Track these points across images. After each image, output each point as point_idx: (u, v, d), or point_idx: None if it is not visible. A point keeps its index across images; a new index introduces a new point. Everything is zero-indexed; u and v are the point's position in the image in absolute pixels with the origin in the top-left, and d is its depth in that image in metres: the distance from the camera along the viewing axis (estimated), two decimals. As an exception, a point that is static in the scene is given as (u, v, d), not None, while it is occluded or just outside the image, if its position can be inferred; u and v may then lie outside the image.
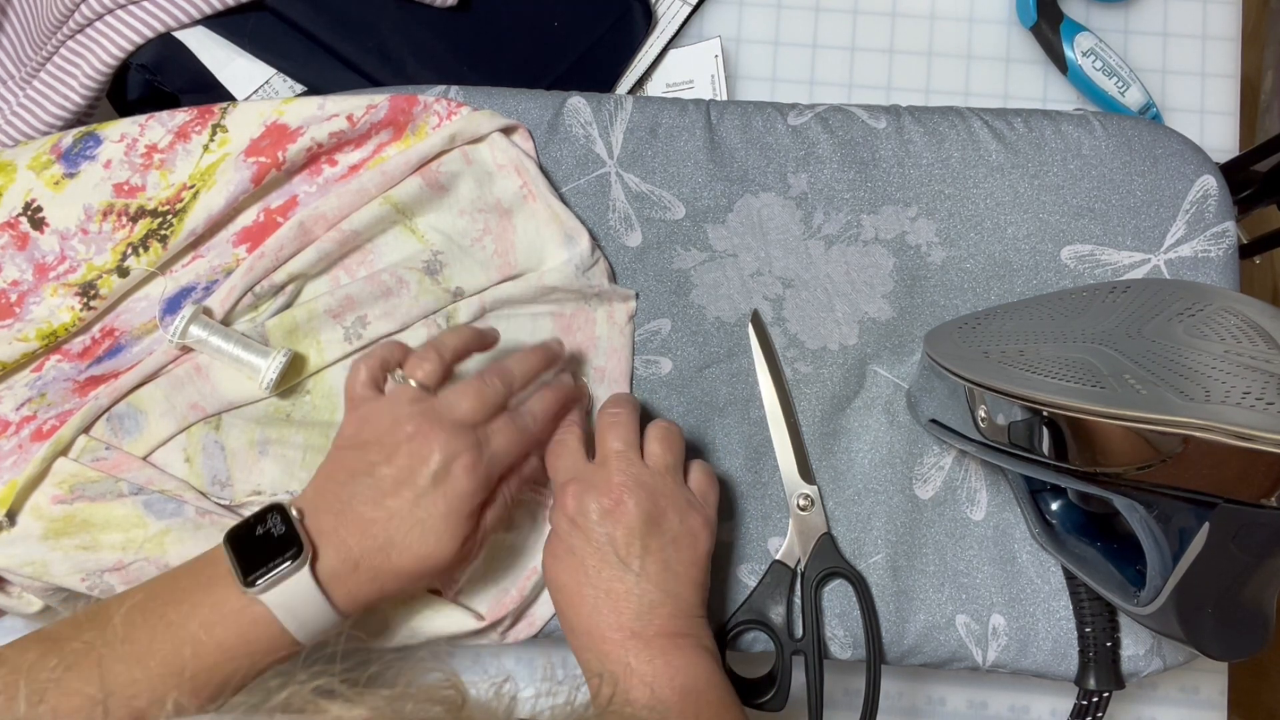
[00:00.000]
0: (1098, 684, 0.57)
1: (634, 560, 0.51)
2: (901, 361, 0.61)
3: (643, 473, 0.53)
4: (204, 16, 0.65)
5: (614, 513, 0.51)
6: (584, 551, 0.51)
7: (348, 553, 0.49)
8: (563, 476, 0.54)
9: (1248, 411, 0.39)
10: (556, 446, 0.55)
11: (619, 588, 0.51)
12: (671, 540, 0.52)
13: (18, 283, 0.58)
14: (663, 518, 0.52)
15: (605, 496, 0.52)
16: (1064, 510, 0.57)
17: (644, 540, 0.51)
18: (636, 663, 0.49)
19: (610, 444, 0.53)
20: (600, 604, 0.51)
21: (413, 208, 0.60)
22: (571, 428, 0.56)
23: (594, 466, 0.54)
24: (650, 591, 0.51)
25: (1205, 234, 0.61)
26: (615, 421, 0.54)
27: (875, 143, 0.62)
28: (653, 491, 0.52)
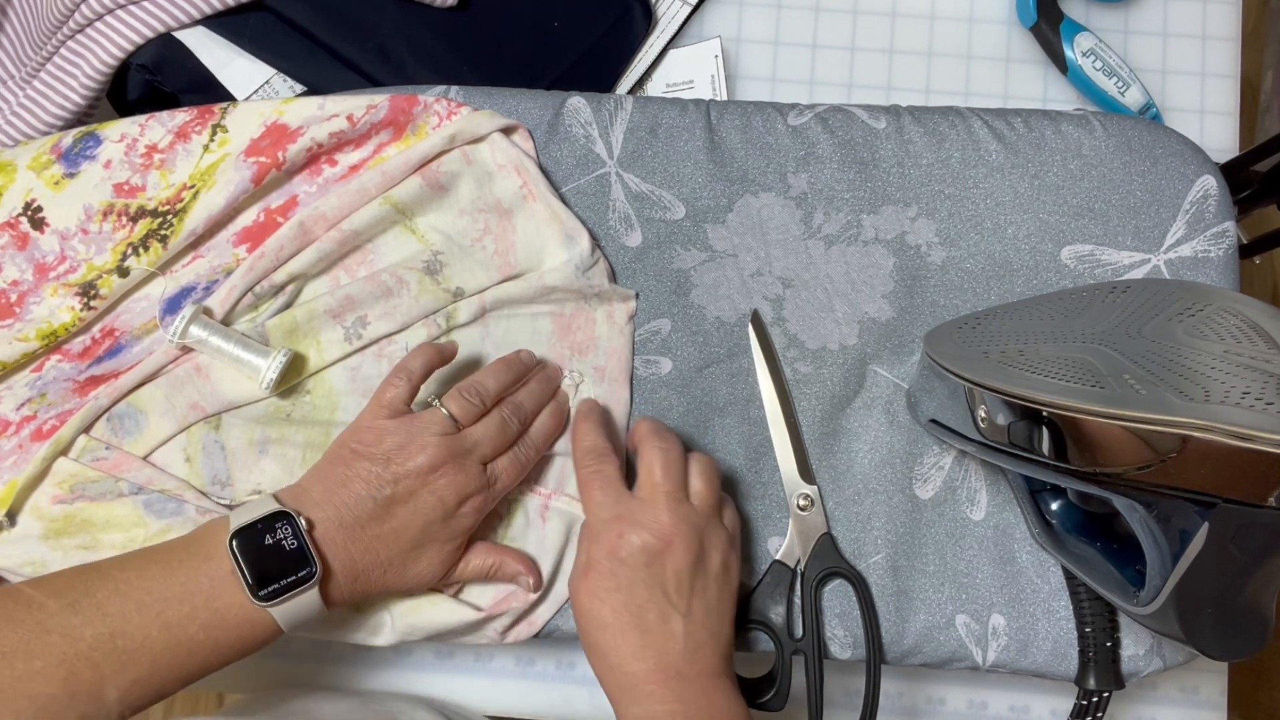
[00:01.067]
0: (1098, 684, 0.57)
1: (681, 602, 0.51)
2: (901, 361, 0.61)
3: (691, 513, 0.53)
4: (204, 16, 0.65)
5: (665, 554, 0.51)
6: (631, 591, 0.51)
7: (352, 567, 0.50)
8: (606, 511, 0.53)
9: (1247, 411, 0.39)
10: (594, 477, 0.54)
11: (665, 628, 0.51)
12: (714, 579, 0.53)
13: (18, 283, 0.58)
14: (707, 558, 0.52)
15: (656, 537, 0.51)
16: (1064, 510, 0.57)
17: (691, 582, 0.51)
18: (679, 704, 0.49)
19: (659, 481, 0.53)
20: (647, 644, 0.50)
21: (413, 208, 0.60)
22: (608, 456, 0.55)
23: (640, 503, 0.53)
24: (696, 632, 0.51)
25: (1205, 234, 0.61)
26: (665, 459, 0.53)
27: (875, 143, 0.62)
28: (701, 533, 0.52)
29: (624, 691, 0.51)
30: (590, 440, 0.56)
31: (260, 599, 0.47)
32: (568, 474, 0.59)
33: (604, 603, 0.51)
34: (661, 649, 0.50)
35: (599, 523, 0.53)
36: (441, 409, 0.53)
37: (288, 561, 0.48)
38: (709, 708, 0.50)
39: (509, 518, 0.59)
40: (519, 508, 0.59)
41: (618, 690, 0.51)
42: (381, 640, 0.57)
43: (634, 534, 0.51)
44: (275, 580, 0.47)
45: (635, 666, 0.50)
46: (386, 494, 0.51)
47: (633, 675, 0.50)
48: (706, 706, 0.50)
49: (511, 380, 0.56)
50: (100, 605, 0.45)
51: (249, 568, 0.47)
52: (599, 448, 0.55)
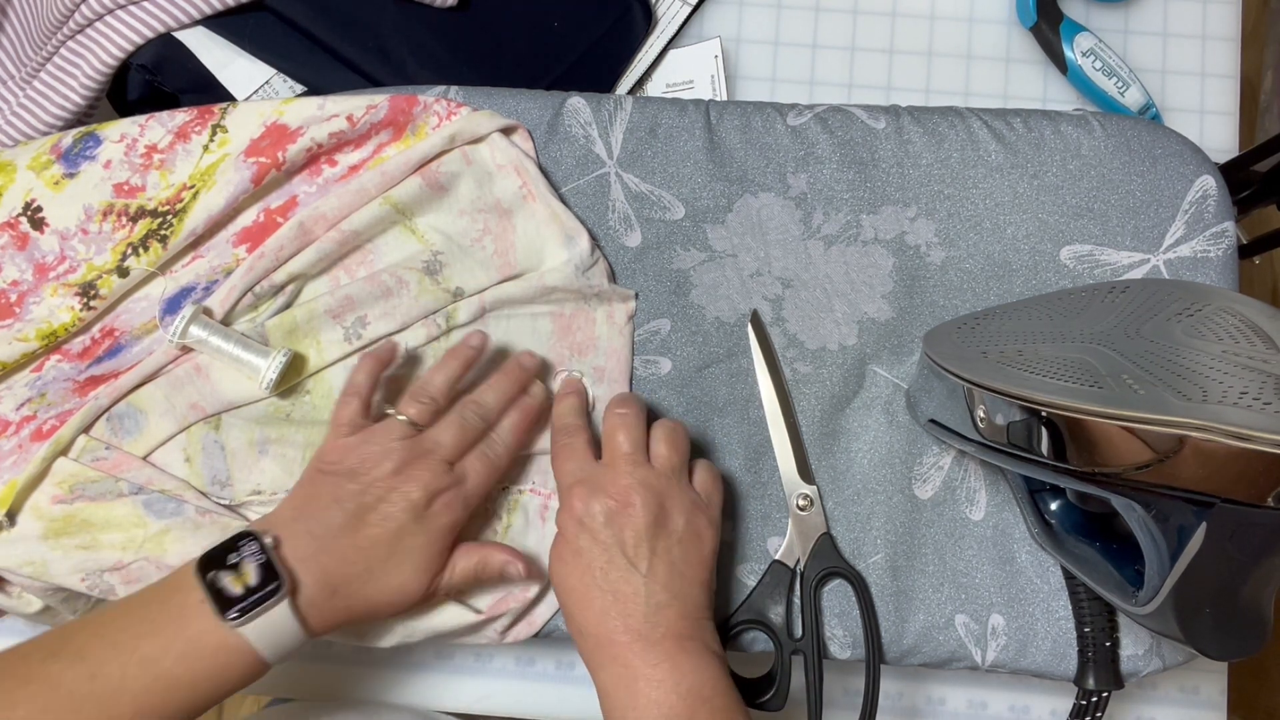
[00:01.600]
0: (1097, 684, 0.57)
1: (641, 562, 0.51)
2: (901, 361, 0.61)
3: (649, 474, 0.53)
4: (204, 16, 0.65)
5: (621, 514, 0.52)
6: (591, 553, 0.52)
7: (327, 579, 0.50)
8: (569, 479, 0.54)
9: (1245, 411, 0.39)
10: (563, 449, 0.56)
11: (626, 589, 0.51)
12: (678, 541, 0.52)
13: (18, 283, 0.58)
14: (669, 519, 0.52)
15: (612, 498, 0.52)
16: (1063, 510, 0.57)
17: (651, 542, 0.52)
18: (644, 666, 0.50)
19: (617, 445, 0.54)
20: (609, 606, 0.51)
21: (413, 208, 0.60)
22: (578, 431, 0.56)
23: (600, 468, 0.54)
24: (658, 593, 0.51)
25: (1204, 234, 0.61)
26: (623, 423, 0.54)
27: (875, 143, 0.62)
28: (659, 493, 0.52)
29: (589, 655, 0.52)
30: (565, 419, 0.57)
31: (230, 619, 0.46)
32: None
33: (570, 567, 0.52)
34: (624, 611, 0.51)
35: (564, 490, 0.54)
36: (398, 416, 0.54)
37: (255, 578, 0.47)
38: (672, 671, 0.49)
39: (509, 518, 0.59)
40: (519, 508, 0.59)
41: (586, 654, 0.52)
42: (381, 641, 0.57)
43: (593, 497, 0.52)
44: (242, 598, 0.47)
45: (600, 629, 0.51)
46: (355, 504, 0.51)
47: (598, 638, 0.51)
48: (670, 670, 0.49)
49: (461, 372, 0.56)
50: (79, 649, 0.46)
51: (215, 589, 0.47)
52: (571, 425, 0.57)
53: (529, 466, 0.60)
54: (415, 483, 0.52)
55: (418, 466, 0.52)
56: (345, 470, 0.52)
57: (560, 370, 0.60)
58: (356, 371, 0.55)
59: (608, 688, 0.51)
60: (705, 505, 0.54)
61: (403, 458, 0.52)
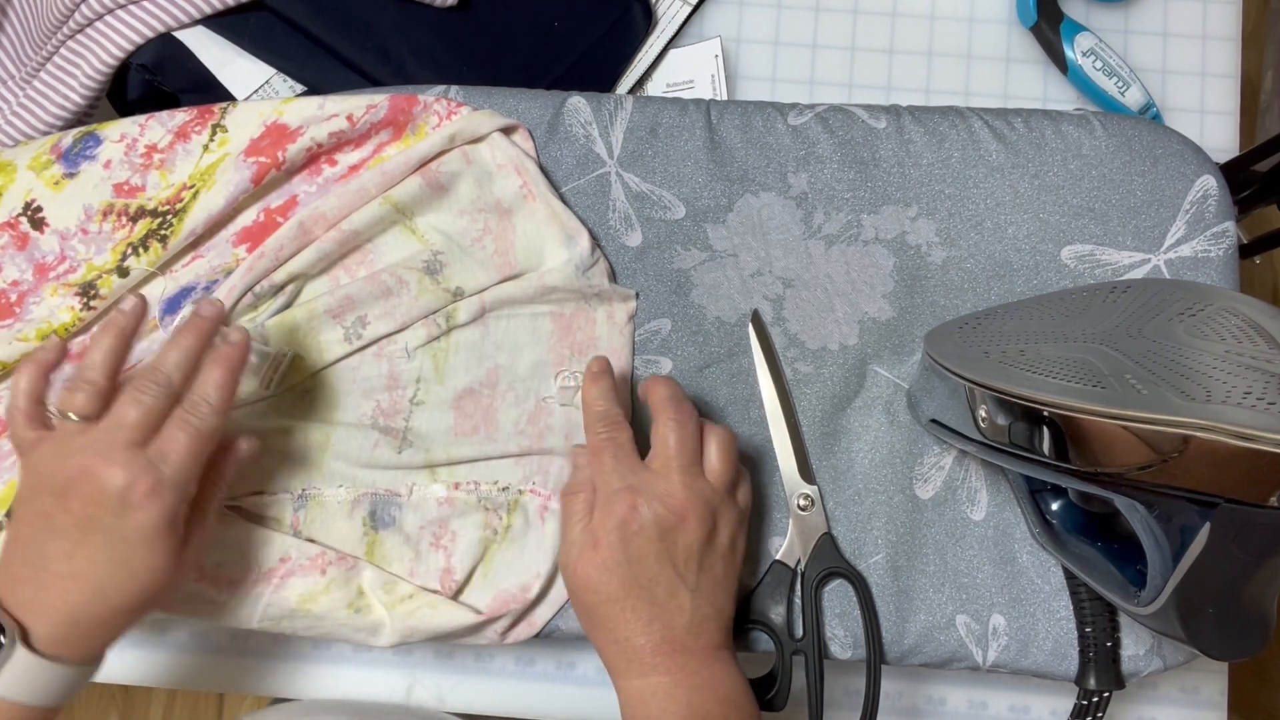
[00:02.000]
0: (1098, 684, 0.57)
1: (690, 576, 0.51)
2: (902, 361, 0.61)
3: (706, 488, 0.52)
4: (204, 16, 0.65)
5: (677, 529, 0.51)
6: (641, 564, 0.50)
7: (61, 615, 0.46)
8: (618, 481, 0.52)
9: (1249, 411, 0.39)
10: (607, 444, 0.53)
11: (673, 603, 0.50)
12: (721, 556, 0.52)
13: (18, 283, 0.58)
14: (717, 535, 0.52)
15: (670, 512, 0.50)
16: (1064, 510, 0.57)
17: (700, 558, 0.51)
18: (684, 674, 0.50)
19: (672, 454, 0.52)
20: (654, 617, 0.50)
21: (413, 208, 0.60)
22: (621, 424, 0.54)
23: (653, 475, 0.52)
24: (703, 606, 0.51)
25: (1205, 234, 0.61)
26: (679, 430, 0.52)
27: (875, 143, 0.62)
28: (714, 510, 0.52)
29: (627, 663, 0.51)
30: (603, 406, 0.54)
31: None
32: (567, 475, 0.59)
33: (613, 575, 0.50)
34: (668, 623, 0.50)
35: (610, 492, 0.52)
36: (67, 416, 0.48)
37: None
38: (711, 679, 0.50)
39: (508, 518, 0.59)
40: (519, 508, 0.59)
41: (621, 662, 0.51)
42: (381, 641, 0.57)
43: (646, 506, 0.50)
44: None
45: (642, 640, 0.50)
46: (50, 525, 0.47)
47: (639, 648, 0.50)
48: (709, 678, 0.50)
49: (118, 344, 0.50)
50: None
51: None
52: (611, 415, 0.54)
53: (529, 466, 0.59)
54: (100, 482, 0.46)
55: (98, 463, 0.46)
56: (35, 495, 0.47)
57: (560, 370, 0.60)
58: (14, 382, 0.50)
59: (641, 695, 0.50)
60: (745, 520, 0.55)
61: (81, 461, 0.46)
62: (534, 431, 0.59)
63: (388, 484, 0.59)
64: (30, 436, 0.49)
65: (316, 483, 0.58)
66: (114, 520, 0.46)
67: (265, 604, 0.56)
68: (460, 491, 0.59)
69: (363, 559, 0.57)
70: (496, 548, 0.58)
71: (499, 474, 0.59)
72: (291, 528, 0.57)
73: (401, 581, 0.57)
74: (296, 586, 0.56)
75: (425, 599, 0.56)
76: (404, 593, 0.56)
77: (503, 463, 0.59)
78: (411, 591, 0.57)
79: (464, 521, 0.58)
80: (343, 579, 0.56)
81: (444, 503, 0.59)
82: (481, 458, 0.59)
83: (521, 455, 0.59)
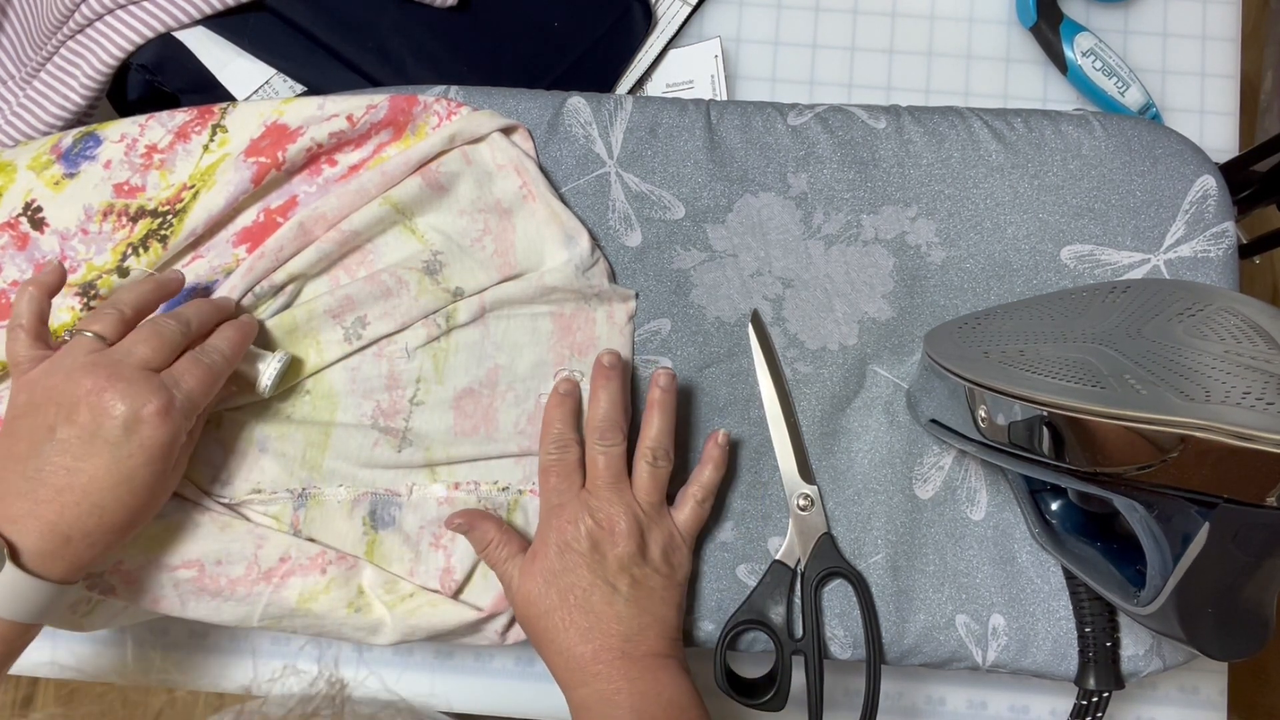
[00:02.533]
0: (1097, 684, 0.57)
1: (624, 586, 0.53)
2: (901, 361, 0.61)
3: (634, 505, 0.55)
4: (204, 16, 0.65)
5: (606, 540, 0.54)
6: (574, 575, 0.53)
7: (53, 530, 0.47)
8: (556, 497, 0.55)
9: (1248, 411, 0.39)
10: (554, 465, 0.56)
11: (609, 611, 0.53)
12: (655, 570, 0.54)
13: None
14: (648, 549, 0.54)
15: (599, 525, 0.54)
16: (1064, 510, 0.57)
17: (632, 569, 0.53)
18: (625, 680, 0.51)
19: (600, 473, 0.55)
20: (592, 626, 0.52)
21: (413, 208, 0.60)
22: (570, 446, 0.57)
23: (586, 494, 0.55)
24: (640, 615, 0.53)
25: (1205, 234, 0.61)
26: (606, 453, 0.55)
27: (875, 143, 0.62)
28: (641, 524, 0.54)
29: (571, 674, 0.52)
30: (556, 429, 0.57)
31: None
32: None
33: (551, 586, 0.53)
34: (606, 630, 0.52)
35: (549, 508, 0.55)
36: (83, 334, 0.50)
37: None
38: (654, 684, 0.52)
39: (509, 518, 0.59)
40: (519, 508, 0.59)
41: (565, 673, 0.53)
42: (381, 640, 0.57)
43: (580, 520, 0.54)
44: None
45: (582, 648, 0.52)
46: (51, 437, 0.47)
47: (580, 657, 0.52)
48: (652, 683, 0.52)
49: (155, 294, 0.53)
50: None
51: None
52: (565, 438, 0.56)
53: (529, 466, 0.60)
54: (112, 395, 0.47)
55: (110, 377, 0.47)
56: (34, 407, 0.47)
57: (560, 370, 0.60)
58: (16, 301, 0.51)
59: (588, 703, 0.52)
60: (681, 542, 0.56)
61: (94, 375, 0.47)
62: (534, 431, 0.59)
63: (388, 484, 0.59)
64: (33, 354, 0.50)
65: (316, 482, 0.58)
66: (123, 436, 0.47)
67: (265, 603, 0.56)
68: (460, 491, 0.59)
69: (363, 559, 0.57)
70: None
71: (499, 474, 0.59)
72: (291, 527, 0.58)
73: (402, 581, 0.57)
74: (297, 586, 0.56)
75: (426, 598, 0.56)
76: (404, 592, 0.56)
77: (503, 462, 0.59)
78: (412, 590, 0.57)
79: (464, 521, 0.58)
80: (343, 578, 0.56)
81: (444, 502, 0.59)
82: (481, 457, 0.59)
83: (521, 455, 0.59)
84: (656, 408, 0.57)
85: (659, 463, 0.56)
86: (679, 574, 0.56)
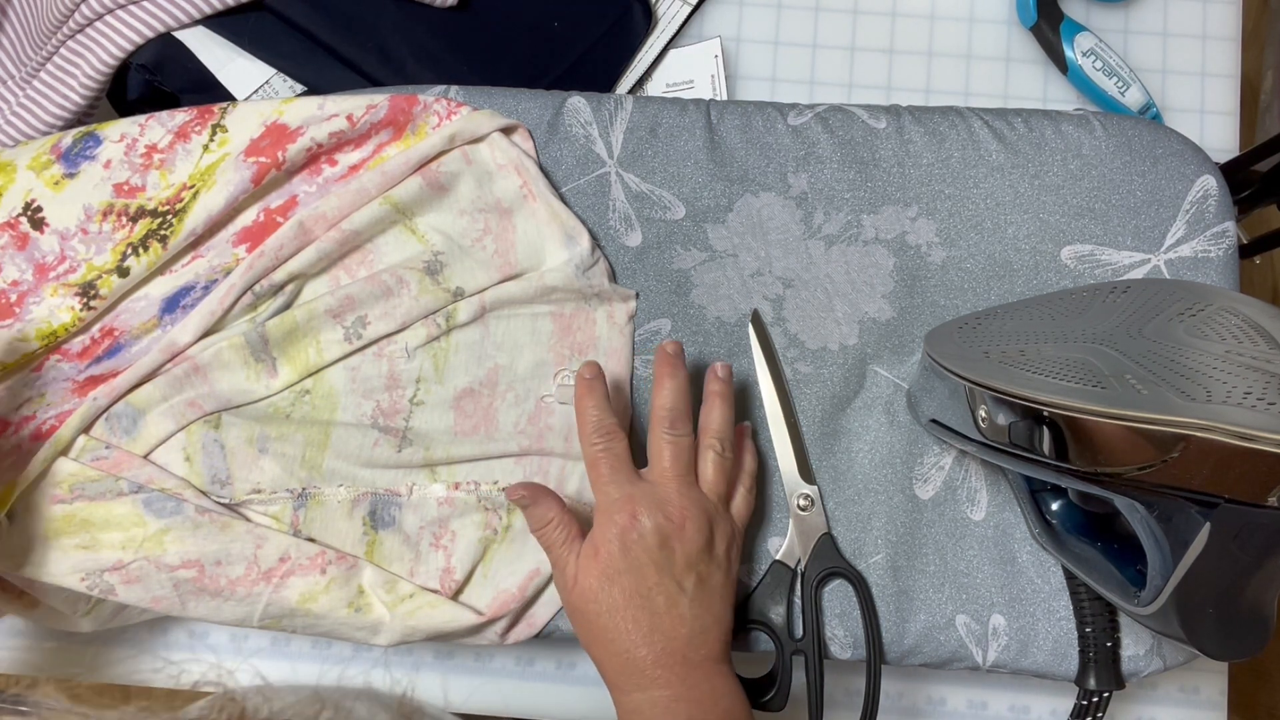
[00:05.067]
0: (1098, 684, 0.57)
1: (690, 585, 0.51)
2: (901, 361, 0.61)
3: (702, 498, 0.53)
4: (204, 16, 0.65)
5: (676, 536, 0.51)
6: (641, 573, 0.51)
7: None
8: (617, 491, 0.52)
9: (1249, 411, 0.39)
10: (603, 456, 0.53)
11: (674, 612, 0.51)
12: (718, 565, 0.52)
13: (18, 283, 0.58)
14: (714, 545, 0.52)
15: (668, 520, 0.51)
16: (1064, 510, 0.57)
17: (698, 566, 0.51)
18: (685, 688, 0.50)
19: (666, 466, 0.53)
20: (655, 627, 0.50)
21: (413, 208, 0.60)
22: (616, 434, 0.54)
23: (650, 485, 0.53)
24: (703, 616, 0.51)
25: (1205, 234, 0.61)
26: (674, 444, 0.53)
27: (875, 143, 0.62)
28: (710, 518, 0.53)
29: (626, 677, 0.50)
30: (597, 416, 0.54)
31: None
32: (567, 475, 0.59)
33: (613, 584, 0.51)
34: (669, 633, 0.50)
35: (609, 502, 0.52)
36: None
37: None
38: (711, 692, 0.50)
39: (509, 518, 0.59)
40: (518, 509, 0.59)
41: (620, 675, 0.51)
42: (381, 640, 0.57)
43: (646, 515, 0.51)
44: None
45: (642, 651, 0.50)
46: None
47: (640, 660, 0.50)
48: (709, 691, 0.50)
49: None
50: None
51: None
52: (606, 424, 0.54)
53: (529, 466, 0.59)
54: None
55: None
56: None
57: (560, 370, 0.60)
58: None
59: (641, 709, 0.50)
60: (740, 534, 0.55)
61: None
62: (534, 431, 0.59)
63: (388, 483, 0.59)
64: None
65: (316, 482, 0.58)
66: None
67: (265, 603, 0.56)
68: (460, 491, 0.59)
69: (363, 559, 0.57)
70: (496, 548, 0.58)
71: (499, 474, 0.59)
72: (291, 527, 0.57)
73: (402, 581, 0.57)
74: (296, 586, 0.56)
75: (426, 599, 0.56)
76: (404, 592, 0.56)
77: (503, 462, 0.59)
78: (412, 591, 0.57)
79: (464, 521, 0.58)
80: (343, 578, 0.56)
81: (444, 503, 0.59)
82: (481, 457, 0.59)
83: (522, 455, 0.59)
84: (718, 398, 0.56)
85: (726, 453, 0.54)
86: (735, 570, 0.54)
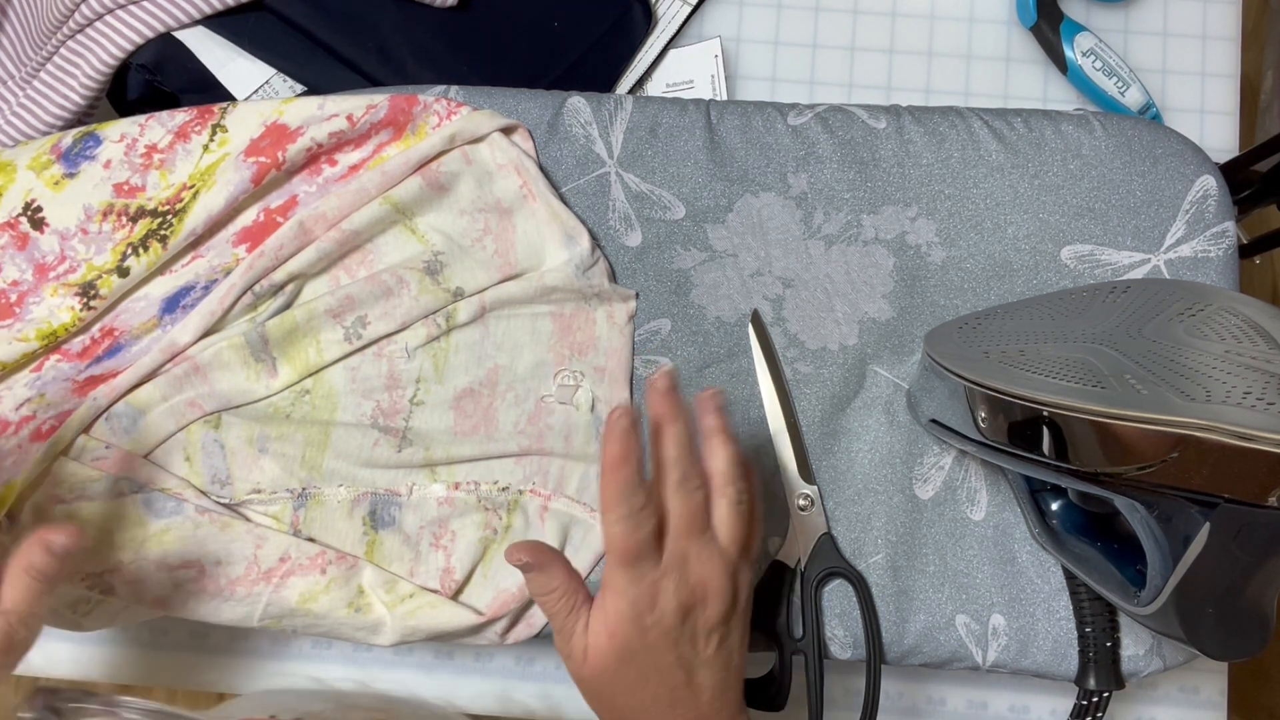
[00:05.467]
0: (1098, 684, 0.57)
1: (708, 650, 0.48)
2: (901, 361, 0.61)
3: (721, 558, 0.48)
4: (204, 16, 0.65)
5: (698, 608, 0.48)
6: (658, 655, 0.48)
7: None
8: (635, 571, 0.47)
9: (1248, 411, 0.39)
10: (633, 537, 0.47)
11: (693, 683, 0.48)
12: (739, 616, 0.50)
13: (18, 283, 0.58)
14: (738, 602, 0.49)
15: (690, 594, 0.47)
16: (1064, 510, 0.57)
17: (722, 628, 0.49)
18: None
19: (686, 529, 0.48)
20: (676, 701, 0.48)
21: (413, 208, 0.60)
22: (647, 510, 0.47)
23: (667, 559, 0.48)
24: (723, 672, 0.49)
25: (1205, 234, 0.61)
26: (690, 501, 0.48)
27: (875, 143, 0.62)
28: (734, 577, 0.49)
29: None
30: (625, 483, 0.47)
31: None
32: (567, 475, 0.59)
33: (629, 665, 0.48)
34: (690, 704, 0.48)
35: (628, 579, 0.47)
36: None
37: None
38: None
39: (508, 518, 0.59)
40: (518, 508, 0.59)
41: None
42: (381, 640, 0.57)
43: (672, 591, 0.47)
44: None
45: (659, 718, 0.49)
46: None
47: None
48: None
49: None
50: None
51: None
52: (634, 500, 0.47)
53: (529, 466, 0.60)
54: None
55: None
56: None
57: (560, 370, 0.60)
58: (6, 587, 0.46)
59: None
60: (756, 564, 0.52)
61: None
62: (534, 431, 0.60)
63: (388, 483, 0.59)
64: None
65: (316, 482, 0.58)
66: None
67: (265, 603, 0.56)
68: (460, 491, 0.59)
69: (363, 558, 0.57)
70: (497, 548, 0.58)
71: (499, 474, 0.59)
72: (291, 527, 0.57)
73: (402, 581, 0.57)
74: (296, 585, 0.56)
75: (426, 599, 0.56)
76: (405, 592, 0.56)
77: (503, 462, 0.59)
78: (412, 591, 0.57)
79: (464, 521, 0.58)
80: (343, 578, 0.56)
81: (444, 503, 0.59)
82: (481, 457, 0.59)
83: (522, 455, 0.59)
84: (720, 435, 0.49)
85: (742, 501, 0.49)
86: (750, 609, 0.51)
